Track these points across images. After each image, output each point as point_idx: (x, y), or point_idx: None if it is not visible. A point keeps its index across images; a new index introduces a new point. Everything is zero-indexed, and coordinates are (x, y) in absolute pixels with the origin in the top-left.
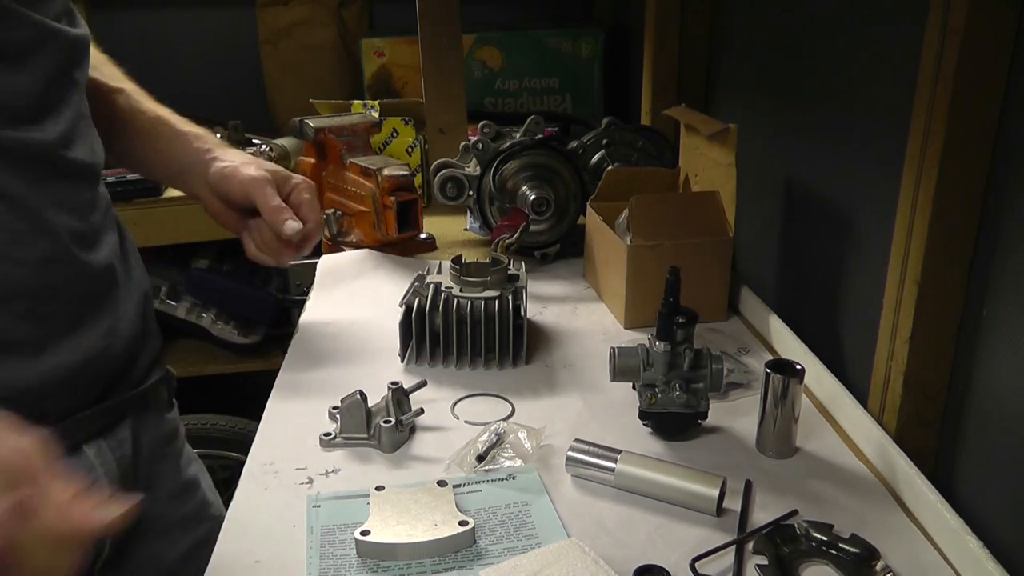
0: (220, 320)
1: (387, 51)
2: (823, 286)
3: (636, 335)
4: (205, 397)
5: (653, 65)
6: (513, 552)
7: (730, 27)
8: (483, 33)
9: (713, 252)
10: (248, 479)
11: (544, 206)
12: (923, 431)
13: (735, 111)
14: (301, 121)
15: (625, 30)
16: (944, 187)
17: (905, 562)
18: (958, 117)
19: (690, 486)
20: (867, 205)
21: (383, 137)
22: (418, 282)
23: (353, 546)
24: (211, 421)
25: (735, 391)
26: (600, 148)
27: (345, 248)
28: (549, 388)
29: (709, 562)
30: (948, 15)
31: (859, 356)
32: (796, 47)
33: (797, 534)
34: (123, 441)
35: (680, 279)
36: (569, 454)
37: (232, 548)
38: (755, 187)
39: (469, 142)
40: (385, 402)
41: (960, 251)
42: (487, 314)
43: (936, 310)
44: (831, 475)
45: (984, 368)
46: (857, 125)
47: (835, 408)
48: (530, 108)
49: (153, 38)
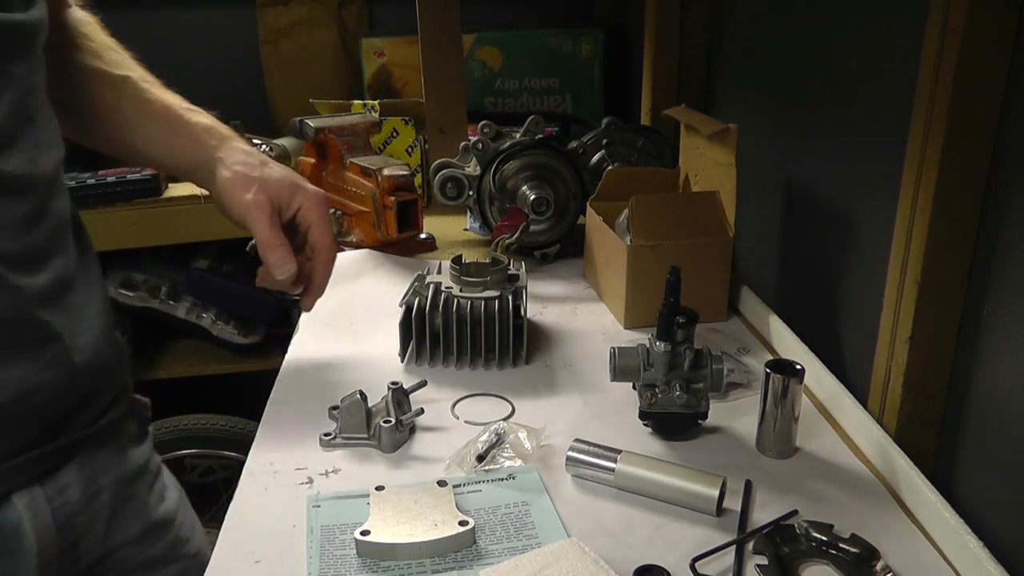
0: (220, 320)
1: (387, 51)
2: (823, 286)
3: (636, 335)
4: (205, 397)
5: (653, 65)
6: (513, 552)
7: (730, 27)
8: (483, 33)
9: (713, 252)
10: (248, 479)
11: (544, 206)
12: (923, 431)
13: (735, 111)
14: (301, 121)
15: (625, 30)
16: (944, 187)
17: (905, 562)
18: (958, 117)
19: (690, 486)
20: (867, 205)
21: (383, 137)
22: (418, 282)
23: (353, 546)
24: (211, 421)
25: (735, 391)
26: (600, 148)
27: (345, 248)
28: (549, 388)
29: (709, 562)
30: (948, 15)
31: (859, 356)
32: (796, 47)
33: (797, 534)
34: (66, 487)
35: (680, 279)
36: (569, 454)
37: (232, 548)
38: (755, 187)
39: (469, 142)
40: (385, 402)
41: (960, 251)
42: (487, 314)
43: (936, 310)
44: (831, 475)
45: (984, 368)
46: (857, 125)
47: (835, 408)
48: (530, 108)
49: (153, 38)
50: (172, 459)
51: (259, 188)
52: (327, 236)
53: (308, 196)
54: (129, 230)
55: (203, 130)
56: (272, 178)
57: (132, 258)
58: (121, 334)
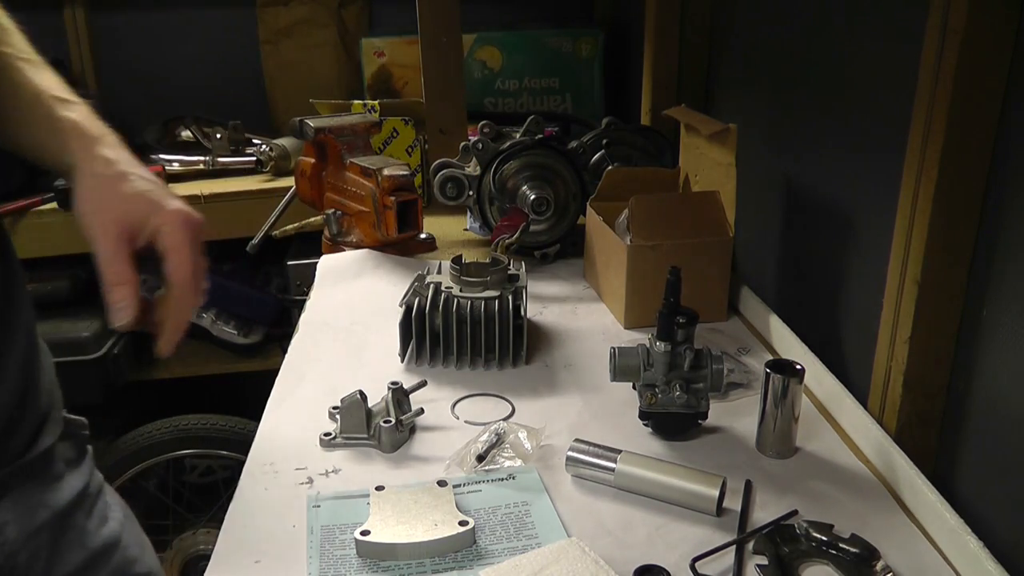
0: (220, 320)
1: (387, 51)
2: (823, 286)
3: (636, 335)
4: (205, 397)
5: (653, 65)
6: (513, 552)
7: (730, 27)
8: (483, 33)
9: (713, 252)
10: (248, 479)
11: (544, 206)
12: (923, 431)
13: (735, 111)
14: (301, 121)
15: (625, 30)
16: (944, 187)
17: (905, 562)
18: (958, 117)
19: (690, 486)
20: (867, 205)
21: (383, 137)
22: (418, 282)
23: (353, 546)
24: (211, 421)
25: (735, 391)
26: (600, 148)
27: (345, 248)
28: (549, 388)
29: (709, 562)
30: (948, 15)
31: (859, 356)
32: (796, 47)
33: (797, 534)
34: (3, 526)
35: (680, 279)
36: (569, 454)
37: (232, 548)
38: (755, 187)
39: (469, 142)
40: (385, 402)
41: (960, 251)
42: (487, 314)
43: (936, 310)
44: (831, 475)
45: (984, 368)
46: (857, 125)
47: (835, 408)
48: (530, 108)
49: (153, 38)
50: (172, 459)
51: (108, 207)
52: (184, 267)
53: (167, 216)
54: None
55: (70, 128)
56: (127, 194)
57: None
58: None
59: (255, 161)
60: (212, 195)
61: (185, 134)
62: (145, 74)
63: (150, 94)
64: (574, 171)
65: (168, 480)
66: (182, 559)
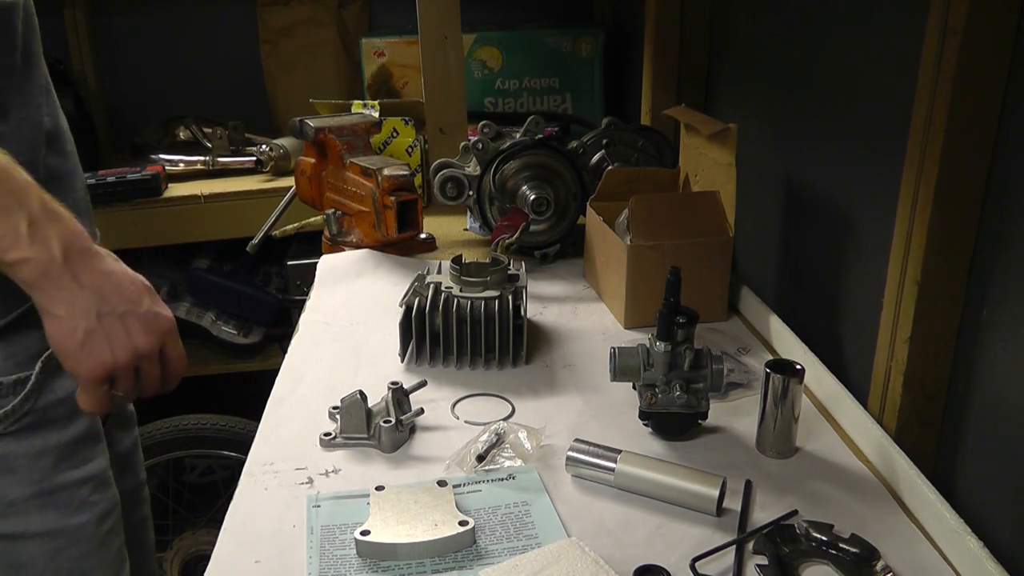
0: (220, 320)
1: (387, 51)
2: (823, 286)
3: (636, 335)
4: (205, 397)
5: (653, 65)
6: (513, 552)
7: (730, 27)
8: (483, 33)
9: (713, 252)
10: (248, 479)
11: (544, 206)
12: (923, 431)
13: (735, 111)
14: (301, 121)
15: (625, 30)
16: (944, 187)
17: (905, 562)
18: (958, 117)
19: (690, 486)
20: (867, 205)
21: (383, 137)
22: (418, 282)
23: (353, 546)
24: (211, 421)
25: (735, 391)
26: (600, 148)
27: (345, 248)
28: (549, 388)
29: (709, 562)
30: (948, 15)
31: (859, 356)
32: (796, 47)
33: (797, 534)
34: None
35: (680, 279)
36: (569, 454)
37: (232, 548)
38: (755, 187)
39: (469, 142)
40: (385, 402)
41: (960, 251)
42: (487, 314)
43: (936, 310)
44: (831, 475)
45: (984, 368)
46: (857, 125)
47: (835, 408)
48: (530, 108)
49: (153, 38)
50: (172, 459)
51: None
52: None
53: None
54: (129, 230)
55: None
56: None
57: (132, 258)
58: None
59: (255, 161)
60: (212, 195)
61: (185, 134)
62: (145, 74)
63: (150, 94)
64: (574, 171)
65: (168, 480)
66: (182, 559)
